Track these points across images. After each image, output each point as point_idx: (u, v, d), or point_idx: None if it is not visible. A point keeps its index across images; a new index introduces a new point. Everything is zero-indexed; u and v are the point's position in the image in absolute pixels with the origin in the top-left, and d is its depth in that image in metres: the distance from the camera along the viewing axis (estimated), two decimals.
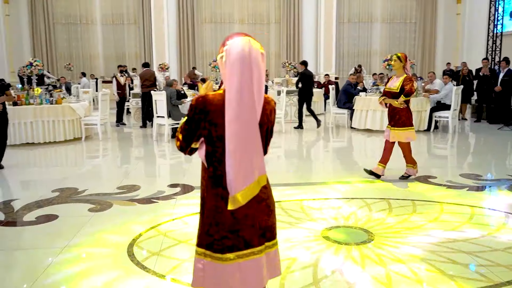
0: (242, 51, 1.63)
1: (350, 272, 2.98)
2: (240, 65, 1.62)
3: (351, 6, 19.29)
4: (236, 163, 1.63)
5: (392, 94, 5.21)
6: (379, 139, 8.79)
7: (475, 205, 4.39)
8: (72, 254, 3.32)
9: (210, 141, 1.72)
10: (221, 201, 1.74)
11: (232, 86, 1.62)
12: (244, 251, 1.77)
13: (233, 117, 1.62)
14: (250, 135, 1.65)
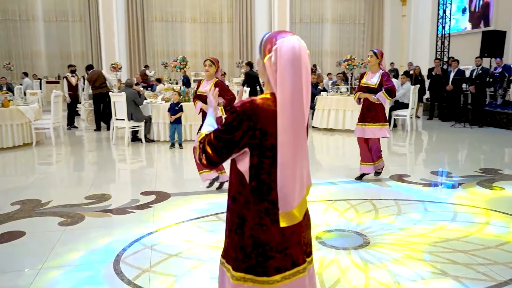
0: (294, 51, 1.47)
1: (356, 277, 2.89)
2: (293, 67, 1.45)
3: (303, 7, 19.50)
4: (292, 174, 1.47)
5: (369, 90, 5.20)
6: (341, 137, 8.93)
7: (455, 202, 4.48)
8: (50, 278, 2.98)
9: (259, 151, 1.53)
10: (266, 218, 1.56)
11: (285, 90, 1.45)
12: (290, 271, 1.60)
13: (287, 124, 1.45)
14: (303, 142, 1.50)
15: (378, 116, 5.22)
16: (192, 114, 7.54)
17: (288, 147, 1.46)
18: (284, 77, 1.45)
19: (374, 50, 5.20)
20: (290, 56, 1.46)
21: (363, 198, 4.67)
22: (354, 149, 6.14)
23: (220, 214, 4.17)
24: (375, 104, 5.21)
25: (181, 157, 7.23)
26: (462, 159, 7.12)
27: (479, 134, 9.01)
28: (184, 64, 8.96)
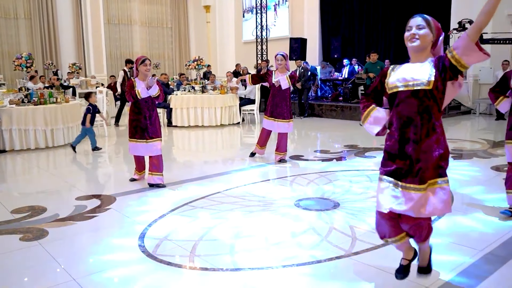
0: None
1: (339, 229, 3.61)
2: None
3: (110, 8, 18.85)
4: None
5: (279, 87, 5.96)
6: (202, 133, 9.43)
7: (359, 169, 5.67)
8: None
9: None
10: None
11: None
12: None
13: None
14: None
15: (286, 113, 6.04)
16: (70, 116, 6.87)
17: None
18: None
19: (282, 54, 5.97)
20: None
21: (307, 173, 5.42)
22: (225, 140, 6.82)
23: (192, 202, 4.28)
24: (283, 102, 6.01)
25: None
26: (323, 140, 8.59)
27: (314, 122, 10.85)
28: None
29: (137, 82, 4.82)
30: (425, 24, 2.20)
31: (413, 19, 2.24)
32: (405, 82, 2.22)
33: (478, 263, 2.88)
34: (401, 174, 2.25)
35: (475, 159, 6.13)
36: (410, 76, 2.21)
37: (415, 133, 2.21)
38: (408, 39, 2.23)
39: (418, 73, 2.20)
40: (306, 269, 2.85)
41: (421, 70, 2.21)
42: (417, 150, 2.21)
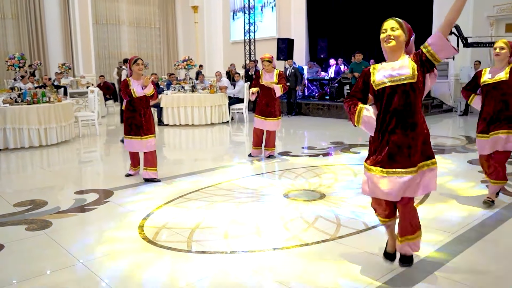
0: None
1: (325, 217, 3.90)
2: None
3: (98, 8, 18.91)
4: None
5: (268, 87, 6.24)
6: (192, 131, 9.65)
7: (344, 163, 5.97)
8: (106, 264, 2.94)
9: None
10: None
11: None
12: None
13: None
14: None
15: (275, 112, 6.32)
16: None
17: None
18: None
19: (269, 60, 6.23)
20: None
21: (295, 167, 5.70)
22: (215, 138, 7.07)
23: (187, 195, 4.52)
24: (273, 101, 6.29)
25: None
26: (310, 138, 8.88)
27: (302, 120, 11.14)
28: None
29: (131, 81, 5.04)
30: (398, 26, 2.48)
31: (387, 22, 2.51)
32: (391, 78, 2.48)
33: (451, 243, 3.18)
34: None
35: (453, 154, 6.48)
36: (396, 72, 2.49)
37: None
38: (384, 40, 2.51)
39: (402, 69, 2.48)
40: (295, 251, 3.12)
41: (404, 66, 2.49)
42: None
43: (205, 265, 2.92)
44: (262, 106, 6.35)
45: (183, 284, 2.67)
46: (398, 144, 2.50)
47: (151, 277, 2.76)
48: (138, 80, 5.05)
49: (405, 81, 2.46)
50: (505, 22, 11.33)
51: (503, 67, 3.76)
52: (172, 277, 2.76)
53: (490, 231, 3.42)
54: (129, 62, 5.12)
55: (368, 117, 2.61)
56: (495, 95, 3.81)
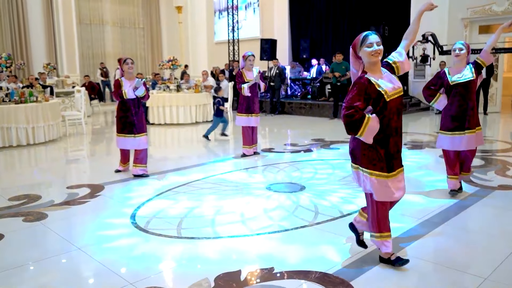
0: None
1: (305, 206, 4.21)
2: None
3: (81, 8, 18.94)
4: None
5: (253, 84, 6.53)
6: (177, 130, 9.88)
7: (324, 158, 6.29)
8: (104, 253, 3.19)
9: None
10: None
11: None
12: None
13: None
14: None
15: (258, 108, 6.63)
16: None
17: None
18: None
19: (253, 54, 6.52)
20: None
21: (277, 162, 5.99)
22: (200, 137, 7.33)
23: (175, 188, 4.78)
24: (256, 99, 6.59)
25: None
26: (293, 135, 9.19)
27: (284, 119, 11.46)
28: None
29: (123, 81, 5.27)
30: (380, 41, 2.76)
31: (371, 36, 2.69)
32: (394, 90, 2.72)
33: (417, 227, 3.51)
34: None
35: (426, 149, 6.86)
36: (397, 84, 2.75)
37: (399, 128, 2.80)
38: (372, 54, 2.68)
39: (396, 81, 2.77)
40: (276, 236, 3.41)
41: (395, 78, 2.78)
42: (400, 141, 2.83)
43: (193, 249, 3.19)
44: (247, 103, 6.60)
45: (174, 264, 2.94)
46: (400, 146, 2.81)
47: (145, 258, 3.02)
48: (131, 80, 5.28)
49: (401, 92, 2.77)
50: (478, 24, 11.82)
51: (463, 67, 4.10)
52: (163, 258, 3.03)
53: (452, 216, 3.77)
54: (119, 62, 5.36)
55: (373, 126, 2.68)
56: (464, 94, 4.11)
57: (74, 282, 2.75)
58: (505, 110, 12.33)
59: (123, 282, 2.68)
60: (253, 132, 6.70)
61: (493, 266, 2.79)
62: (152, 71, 20.17)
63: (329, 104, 11.65)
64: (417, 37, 12.43)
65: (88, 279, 2.80)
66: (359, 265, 2.86)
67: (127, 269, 2.87)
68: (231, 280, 2.67)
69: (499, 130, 9.44)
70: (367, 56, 2.67)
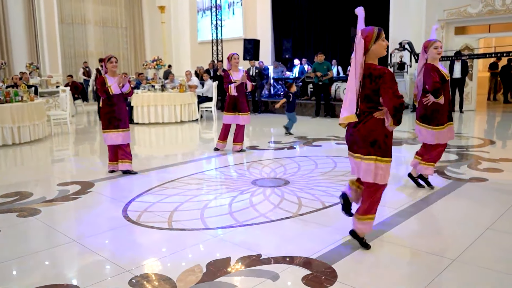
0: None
1: (289, 199, 4.44)
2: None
3: (63, 7, 18.82)
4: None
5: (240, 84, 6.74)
6: (162, 129, 10.01)
7: (307, 155, 6.53)
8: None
9: None
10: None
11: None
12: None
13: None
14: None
15: (247, 107, 6.84)
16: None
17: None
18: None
19: (237, 54, 6.74)
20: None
21: (262, 159, 6.19)
22: (185, 136, 7.50)
23: (164, 184, 4.95)
24: (243, 98, 6.79)
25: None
26: (276, 133, 9.41)
27: (268, 118, 11.68)
28: None
29: (107, 78, 5.41)
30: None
31: (383, 32, 2.91)
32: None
33: (393, 216, 3.77)
34: None
35: (404, 145, 7.16)
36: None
37: None
38: (384, 48, 2.91)
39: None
40: (262, 226, 3.62)
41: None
42: None
43: (184, 239, 3.37)
44: (233, 102, 6.81)
45: (167, 253, 3.12)
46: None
47: (138, 248, 3.20)
48: (114, 77, 5.43)
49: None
50: (454, 25, 12.24)
51: (438, 64, 4.36)
52: (156, 248, 3.21)
53: (426, 206, 4.04)
54: (104, 60, 5.52)
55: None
56: (446, 90, 4.36)
57: (72, 271, 2.91)
58: (480, 108, 12.81)
59: (120, 270, 2.85)
60: (239, 131, 6.90)
61: (461, 249, 3.05)
62: (135, 71, 20.17)
63: (311, 103, 11.92)
64: (395, 45, 12.83)
65: (86, 267, 2.95)
66: (339, 251, 3.09)
67: (122, 258, 3.03)
68: (221, 265, 2.87)
69: (474, 127, 9.84)
70: (381, 49, 2.89)
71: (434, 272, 2.73)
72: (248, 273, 2.77)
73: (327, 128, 9.36)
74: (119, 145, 5.51)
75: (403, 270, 2.86)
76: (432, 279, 2.64)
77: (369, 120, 2.92)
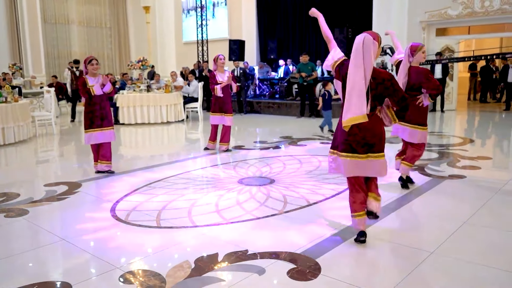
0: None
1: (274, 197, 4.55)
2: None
3: (46, 7, 18.64)
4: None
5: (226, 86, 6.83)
6: (148, 130, 10.04)
7: (292, 154, 6.64)
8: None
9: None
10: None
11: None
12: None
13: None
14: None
15: (231, 108, 6.94)
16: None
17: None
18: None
19: (223, 55, 6.84)
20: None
21: (248, 159, 6.29)
22: (171, 136, 7.56)
23: (151, 184, 5.01)
24: (228, 99, 6.89)
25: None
26: (262, 133, 9.52)
27: (254, 118, 11.78)
28: None
29: (88, 79, 5.45)
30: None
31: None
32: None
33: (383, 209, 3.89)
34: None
35: (386, 145, 7.32)
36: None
37: None
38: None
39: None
40: (249, 223, 3.72)
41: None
42: None
43: (173, 237, 3.45)
44: (219, 103, 6.90)
45: (156, 250, 3.19)
46: None
47: (128, 246, 3.26)
48: (94, 77, 5.47)
49: None
50: (436, 27, 12.52)
51: None
52: (146, 245, 3.28)
53: (406, 203, 4.19)
54: (85, 62, 5.53)
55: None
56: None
57: (62, 269, 2.97)
58: (460, 108, 13.12)
59: (110, 267, 2.92)
60: (226, 131, 7.00)
61: (438, 242, 3.19)
62: (120, 71, 20.06)
63: (296, 103, 12.06)
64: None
65: (76, 265, 3.00)
66: (323, 246, 3.20)
67: (112, 256, 3.10)
68: (209, 261, 2.96)
69: (455, 126, 10.10)
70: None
71: (413, 264, 2.86)
72: (235, 268, 2.86)
73: (312, 128, 9.50)
74: (100, 144, 5.54)
75: (384, 262, 2.99)
76: (411, 271, 2.77)
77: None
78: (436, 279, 2.69)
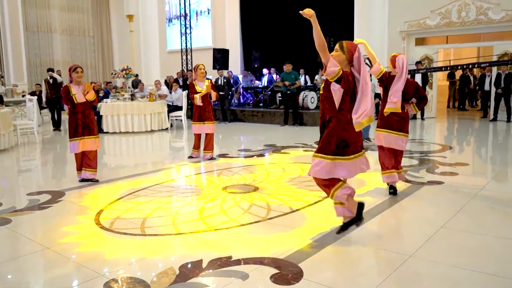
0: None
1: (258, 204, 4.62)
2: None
3: (28, 15, 18.50)
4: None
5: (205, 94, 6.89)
6: (132, 138, 10.03)
7: (275, 162, 6.73)
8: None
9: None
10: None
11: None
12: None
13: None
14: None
15: (212, 116, 7.00)
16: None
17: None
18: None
19: (203, 64, 6.94)
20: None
21: (232, 167, 6.34)
22: (155, 144, 7.59)
23: (135, 192, 5.03)
24: (209, 107, 6.96)
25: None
26: (246, 141, 9.59)
27: (238, 126, 11.86)
28: None
29: (72, 87, 5.45)
30: (338, 48, 3.32)
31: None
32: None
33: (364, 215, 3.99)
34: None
35: (369, 152, 7.47)
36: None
37: None
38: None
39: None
40: (232, 230, 3.77)
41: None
42: None
43: (157, 244, 3.48)
44: (199, 112, 6.97)
45: (141, 258, 3.22)
46: None
47: (113, 253, 3.28)
48: (79, 85, 5.48)
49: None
50: (415, 36, 12.83)
51: None
52: (131, 253, 3.30)
53: (387, 208, 4.30)
54: (69, 70, 5.54)
55: None
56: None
57: (47, 277, 2.97)
58: (440, 116, 13.42)
59: (94, 274, 2.93)
60: (209, 139, 7.05)
61: (416, 246, 3.29)
62: (103, 80, 19.96)
63: (280, 111, 12.18)
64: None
65: (60, 274, 3.01)
66: (306, 251, 3.27)
67: (97, 264, 3.11)
68: (194, 267, 3.00)
69: (434, 133, 10.33)
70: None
71: (392, 267, 2.95)
72: (219, 274, 2.91)
73: (295, 136, 9.62)
74: (85, 153, 5.53)
75: (364, 265, 3.07)
76: (390, 273, 2.86)
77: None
78: (414, 281, 2.79)
